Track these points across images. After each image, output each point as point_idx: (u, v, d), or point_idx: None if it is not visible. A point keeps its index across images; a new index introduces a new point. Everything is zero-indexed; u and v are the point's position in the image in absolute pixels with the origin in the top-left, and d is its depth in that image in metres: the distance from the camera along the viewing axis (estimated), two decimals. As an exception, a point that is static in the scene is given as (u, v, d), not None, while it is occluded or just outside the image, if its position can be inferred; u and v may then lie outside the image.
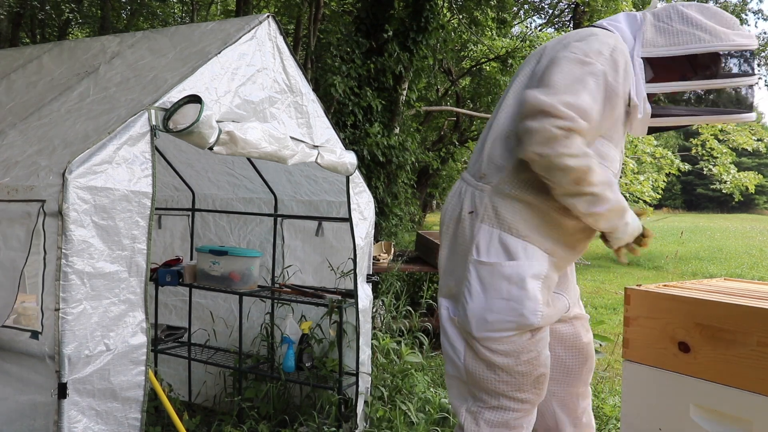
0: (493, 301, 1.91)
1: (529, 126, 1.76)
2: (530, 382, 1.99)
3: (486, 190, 1.96)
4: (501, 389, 1.98)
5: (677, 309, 1.94)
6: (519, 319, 1.90)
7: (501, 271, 1.91)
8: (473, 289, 1.94)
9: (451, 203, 2.08)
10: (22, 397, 2.01)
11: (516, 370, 1.95)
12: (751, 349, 1.75)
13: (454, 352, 2.04)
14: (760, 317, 1.75)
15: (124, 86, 2.55)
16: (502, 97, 2.10)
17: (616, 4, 12.16)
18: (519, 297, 1.89)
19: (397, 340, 4.06)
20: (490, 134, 2.03)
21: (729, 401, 1.81)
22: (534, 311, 1.90)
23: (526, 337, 1.94)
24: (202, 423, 3.36)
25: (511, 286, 1.89)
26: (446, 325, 2.06)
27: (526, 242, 1.92)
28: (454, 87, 13.00)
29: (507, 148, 1.95)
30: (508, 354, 1.93)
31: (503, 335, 1.92)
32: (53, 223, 1.92)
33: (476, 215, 1.95)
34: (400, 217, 8.51)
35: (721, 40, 1.93)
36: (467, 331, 1.97)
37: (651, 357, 2.01)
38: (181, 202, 4.14)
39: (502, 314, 1.90)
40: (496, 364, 1.95)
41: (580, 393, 2.34)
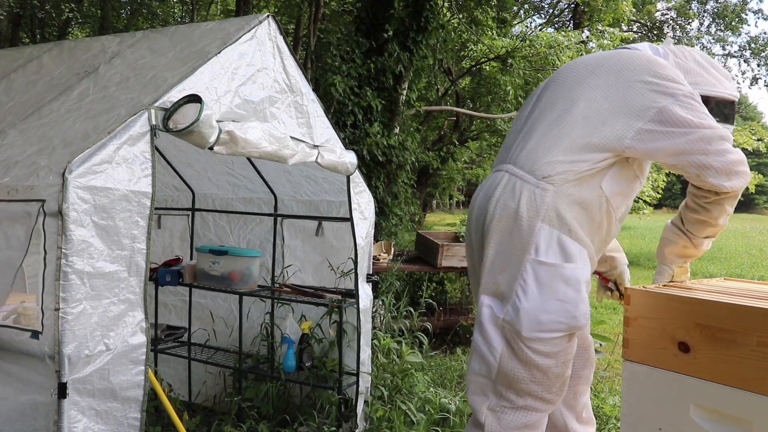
0: (548, 302, 1.94)
1: (732, 158, 1.99)
2: (559, 384, 2.05)
3: (549, 190, 1.97)
4: (532, 389, 2.02)
5: (677, 309, 1.94)
6: (571, 322, 1.95)
7: (560, 273, 1.95)
8: (529, 289, 1.95)
9: (501, 197, 2.04)
10: (22, 397, 2.01)
11: (552, 371, 2.01)
12: (751, 349, 1.75)
13: (489, 350, 2.04)
14: (760, 317, 1.74)
15: (124, 86, 2.55)
16: (564, 104, 2.10)
17: (616, 4, 12.17)
18: (574, 300, 1.95)
19: (398, 340, 4.06)
20: (560, 138, 2.03)
21: (729, 401, 1.81)
22: (585, 314, 1.97)
23: (566, 340, 2.00)
24: (202, 423, 3.36)
25: (568, 288, 1.94)
26: (486, 323, 2.05)
27: (582, 246, 2.00)
28: (454, 87, 12.98)
29: (580, 156, 1.99)
30: (550, 355, 1.98)
31: (552, 336, 1.96)
32: (53, 223, 1.92)
33: (536, 215, 1.97)
34: (400, 217, 8.51)
35: (726, 89, 2.19)
36: (515, 329, 1.97)
37: (651, 357, 2.01)
38: (181, 201, 4.14)
39: (556, 315, 1.94)
40: (534, 364, 1.98)
41: (581, 391, 2.42)
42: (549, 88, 2.20)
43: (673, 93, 1.99)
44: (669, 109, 1.97)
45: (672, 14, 18.35)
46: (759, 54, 17.13)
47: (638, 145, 1.98)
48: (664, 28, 18.31)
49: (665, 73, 2.03)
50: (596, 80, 2.09)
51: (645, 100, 1.99)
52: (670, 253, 2.25)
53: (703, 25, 18.16)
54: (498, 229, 2.04)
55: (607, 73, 2.09)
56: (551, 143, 2.03)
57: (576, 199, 1.99)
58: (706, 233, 2.16)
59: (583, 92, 2.08)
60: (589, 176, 2.00)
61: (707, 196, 2.06)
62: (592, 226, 2.04)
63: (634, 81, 2.03)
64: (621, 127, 1.99)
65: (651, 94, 1.99)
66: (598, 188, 2.02)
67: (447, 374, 4.44)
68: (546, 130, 2.09)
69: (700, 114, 1.98)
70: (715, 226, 2.13)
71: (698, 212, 2.12)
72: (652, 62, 2.08)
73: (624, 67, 2.08)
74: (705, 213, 2.10)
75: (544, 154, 2.02)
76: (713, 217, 2.10)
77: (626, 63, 2.09)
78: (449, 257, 5.58)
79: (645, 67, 2.06)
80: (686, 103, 1.98)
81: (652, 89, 2.00)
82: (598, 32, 11.08)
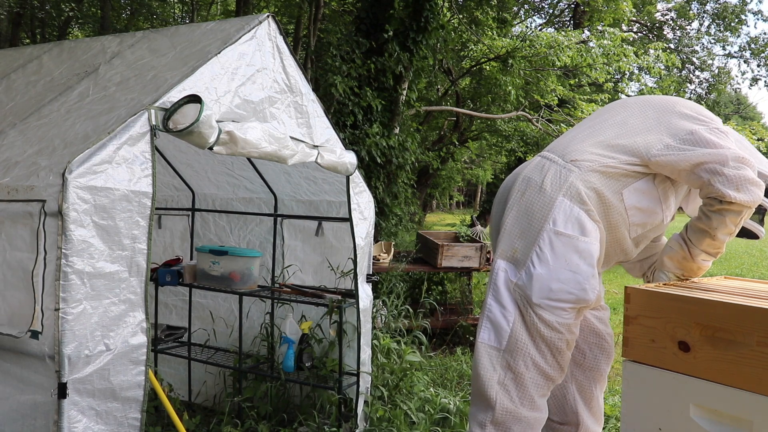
0: (561, 271, 2.03)
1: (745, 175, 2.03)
2: (560, 361, 2.12)
3: (574, 171, 2.12)
4: (537, 360, 2.09)
5: (677, 308, 1.94)
6: (580, 294, 2.03)
7: (576, 245, 2.05)
8: (544, 256, 2.05)
9: (531, 173, 2.21)
10: (23, 397, 2.01)
11: (556, 345, 2.08)
12: (751, 349, 1.75)
13: (503, 313, 2.11)
14: (760, 317, 1.74)
15: (124, 86, 2.55)
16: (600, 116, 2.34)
17: (616, 4, 12.16)
18: (586, 273, 2.04)
19: (398, 340, 4.06)
20: (590, 137, 2.22)
21: (729, 401, 1.81)
22: (594, 288, 2.05)
23: (572, 315, 2.07)
24: (202, 423, 3.36)
25: (581, 261, 2.04)
26: (501, 287, 2.13)
27: (597, 227, 2.10)
28: (454, 87, 12.98)
29: (607, 153, 2.15)
30: (554, 327, 2.06)
31: (560, 305, 2.04)
32: (53, 223, 1.92)
33: (559, 189, 2.09)
34: (400, 217, 8.51)
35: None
36: (526, 295, 2.06)
37: (651, 357, 2.01)
38: (181, 202, 4.14)
39: (567, 285, 2.03)
40: (540, 334, 2.07)
41: (598, 383, 2.48)
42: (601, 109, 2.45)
43: (706, 123, 2.15)
44: (699, 132, 2.11)
45: (672, 15, 18.35)
46: (759, 54, 17.13)
47: (663, 156, 2.11)
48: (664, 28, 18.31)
49: (702, 110, 2.21)
50: (638, 105, 2.29)
51: (679, 124, 2.16)
52: (668, 261, 2.30)
53: (703, 25, 18.17)
54: (521, 198, 2.17)
55: (649, 104, 2.29)
56: (585, 136, 2.23)
57: (596, 188, 2.10)
58: (705, 245, 2.20)
59: (625, 111, 2.29)
60: (613, 175, 2.11)
61: (712, 203, 2.11)
62: (606, 219, 2.13)
63: (673, 111, 2.21)
64: (652, 139, 2.14)
65: (685, 121, 2.16)
66: (619, 194, 2.12)
67: (447, 374, 4.44)
68: (583, 129, 2.30)
69: (727, 140, 2.10)
70: (713, 238, 2.16)
71: (701, 219, 2.17)
72: (693, 103, 2.25)
73: (667, 101, 2.28)
74: (706, 221, 2.14)
75: (577, 143, 2.21)
76: (712, 227, 2.13)
77: (669, 99, 2.30)
78: (449, 257, 5.59)
79: (685, 104, 2.24)
80: (716, 131, 2.12)
81: (687, 118, 2.17)
82: (598, 32, 11.07)
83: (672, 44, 17.27)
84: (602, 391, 2.53)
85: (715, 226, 2.13)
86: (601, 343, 2.45)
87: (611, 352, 2.48)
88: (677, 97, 2.36)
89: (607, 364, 2.48)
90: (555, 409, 2.46)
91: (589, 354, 2.44)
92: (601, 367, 2.46)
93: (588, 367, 2.45)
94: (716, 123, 2.18)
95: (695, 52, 17.60)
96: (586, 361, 2.44)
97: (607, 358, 2.47)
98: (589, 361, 2.44)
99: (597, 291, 2.07)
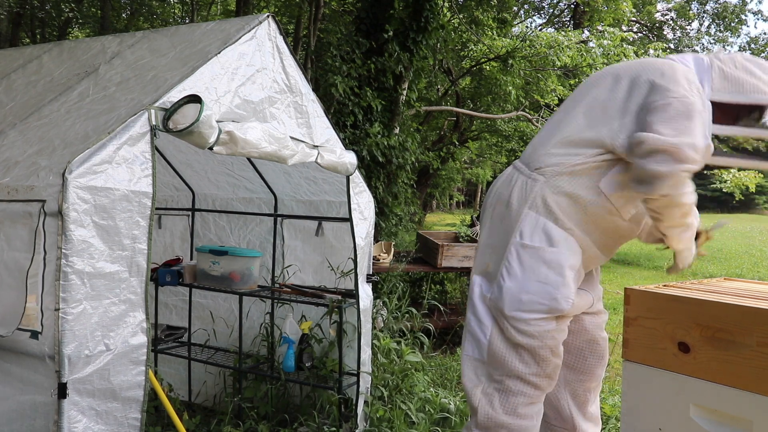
0: (529, 283, 2.03)
1: (656, 169, 1.88)
2: (547, 369, 2.09)
3: (539, 180, 2.09)
4: (520, 370, 2.07)
5: (677, 309, 1.94)
6: (551, 303, 2.02)
7: (542, 256, 2.03)
8: (512, 269, 2.06)
9: (501, 188, 2.21)
10: (22, 397, 2.01)
11: (538, 353, 2.06)
12: (751, 349, 1.75)
13: (480, 329, 2.13)
14: (760, 317, 1.74)
15: (124, 86, 2.55)
16: (567, 106, 2.23)
17: (616, 4, 12.17)
18: (555, 282, 2.02)
19: (398, 340, 4.06)
20: (553, 133, 2.16)
21: (729, 401, 1.81)
22: (566, 297, 2.02)
23: (552, 324, 2.05)
24: (202, 423, 3.36)
25: (550, 271, 2.02)
26: (477, 301, 2.16)
27: (569, 234, 2.06)
28: (454, 87, 12.98)
29: (570, 152, 2.08)
30: (534, 336, 2.04)
31: (533, 317, 2.03)
32: (53, 223, 1.92)
33: (524, 202, 2.08)
34: (400, 217, 8.51)
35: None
36: (499, 309, 2.07)
37: (651, 357, 2.01)
38: (181, 202, 4.14)
39: (537, 296, 2.02)
40: (520, 345, 2.06)
41: (592, 389, 2.45)
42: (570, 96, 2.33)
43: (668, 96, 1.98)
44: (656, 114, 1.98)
45: (672, 15, 18.36)
46: (759, 55, 17.11)
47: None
48: (664, 28, 18.32)
49: (674, 72, 2.02)
50: (604, 82, 2.16)
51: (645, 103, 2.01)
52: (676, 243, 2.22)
53: (703, 25, 18.20)
54: (492, 213, 2.20)
55: (618, 78, 2.13)
56: (551, 135, 2.16)
57: (566, 192, 2.06)
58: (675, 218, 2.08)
59: (591, 93, 2.17)
60: (584, 171, 2.06)
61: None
62: (585, 219, 2.08)
63: (641, 83, 2.05)
64: (617, 126, 2.04)
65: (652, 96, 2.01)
66: (596, 188, 2.06)
67: (447, 374, 4.44)
68: (549, 127, 2.23)
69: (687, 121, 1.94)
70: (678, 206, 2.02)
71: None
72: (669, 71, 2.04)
73: (637, 70, 2.11)
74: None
75: (540, 147, 2.16)
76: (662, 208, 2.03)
77: (640, 67, 2.12)
78: (449, 257, 5.59)
79: (655, 69, 2.06)
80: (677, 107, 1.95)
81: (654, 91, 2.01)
82: (598, 32, 11.07)
83: (672, 44, 17.28)
84: (598, 395, 2.50)
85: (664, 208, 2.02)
86: (595, 348, 2.41)
87: (605, 356, 2.46)
88: (651, 59, 2.19)
89: (602, 368, 2.45)
90: (552, 414, 2.45)
91: (583, 359, 2.41)
92: (596, 372, 2.43)
93: (581, 372, 2.42)
94: (682, 90, 1.97)
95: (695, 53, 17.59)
96: (579, 366, 2.41)
97: (601, 363, 2.44)
98: (582, 365, 2.41)
99: (571, 299, 2.04)
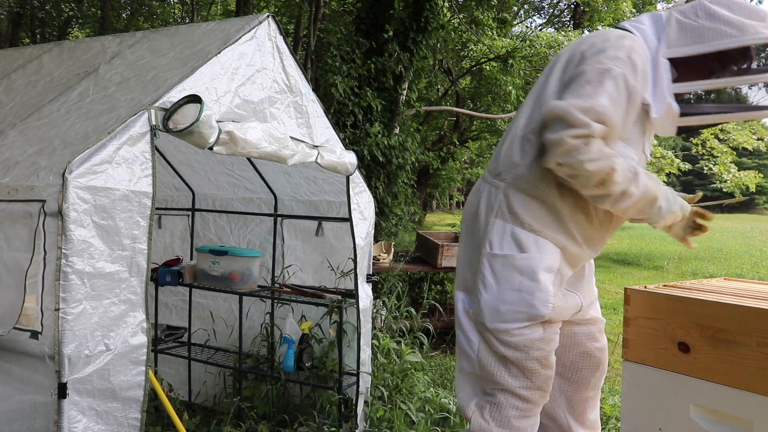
0: (505, 293, 1.96)
1: (548, 138, 1.81)
2: (537, 381, 2.02)
3: (501, 187, 2.02)
4: (509, 383, 2.01)
5: (677, 309, 1.94)
6: (530, 310, 1.94)
7: (513, 263, 1.97)
8: (487, 281, 1.99)
9: (470, 200, 2.16)
10: (22, 397, 2.01)
11: (526, 365, 1.99)
12: (751, 350, 1.75)
13: (468, 344, 2.08)
14: (760, 317, 1.74)
15: (124, 86, 2.55)
16: (529, 96, 2.15)
17: (616, 4, 12.16)
18: (530, 288, 1.94)
19: (397, 340, 4.06)
20: (508, 135, 2.09)
21: (729, 401, 1.81)
22: (545, 302, 1.94)
23: (537, 332, 1.97)
24: (202, 423, 3.36)
25: (523, 278, 1.95)
26: (462, 317, 2.11)
27: (538, 236, 1.98)
28: (454, 87, 12.98)
29: (523, 149, 2.01)
30: (519, 347, 1.97)
31: (514, 326, 1.96)
32: (53, 223, 1.92)
33: (491, 211, 2.03)
34: (400, 217, 8.51)
35: (749, 33, 1.89)
36: (481, 322, 2.01)
37: (651, 357, 2.01)
38: (181, 202, 4.14)
39: (514, 305, 1.95)
40: (507, 358, 2.00)
41: (589, 398, 2.35)
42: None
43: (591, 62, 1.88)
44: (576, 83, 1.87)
45: (672, 14, 18.31)
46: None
47: None
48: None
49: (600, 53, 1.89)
50: (545, 73, 2.09)
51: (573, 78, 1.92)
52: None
53: (703, 25, 18.11)
54: (465, 228, 2.16)
55: (553, 64, 2.05)
56: (504, 143, 2.10)
57: (528, 192, 1.98)
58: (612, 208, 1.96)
59: (538, 83, 2.10)
60: (538, 168, 1.96)
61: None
62: (554, 217, 1.99)
63: (574, 59, 1.96)
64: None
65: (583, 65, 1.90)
66: (555, 179, 1.95)
67: (447, 374, 4.44)
68: (510, 127, 2.15)
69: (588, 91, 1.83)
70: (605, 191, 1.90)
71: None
72: (599, 41, 1.93)
73: (569, 52, 2.02)
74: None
75: (498, 153, 2.11)
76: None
77: (575, 47, 2.01)
78: (449, 257, 5.58)
79: (583, 49, 1.95)
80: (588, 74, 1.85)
81: (583, 60, 1.91)
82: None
83: (672, 44, 17.22)
84: (597, 402, 2.41)
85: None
86: (589, 361, 2.32)
87: (601, 366, 2.34)
88: (597, 33, 2.03)
89: (599, 378, 2.35)
90: (549, 423, 2.38)
91: (576, 371, 2.32)
92: (591, 382, 2.34)
93: (576, 382, 2.34)
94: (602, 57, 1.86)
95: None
96: (573, 377, 2.33)
97: (597, 373, 2.34)
98: (576, 377, 2.33)
99: (550, 303, 1.96)
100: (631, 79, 1.87)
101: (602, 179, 1.81)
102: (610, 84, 1.83)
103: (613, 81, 1.84)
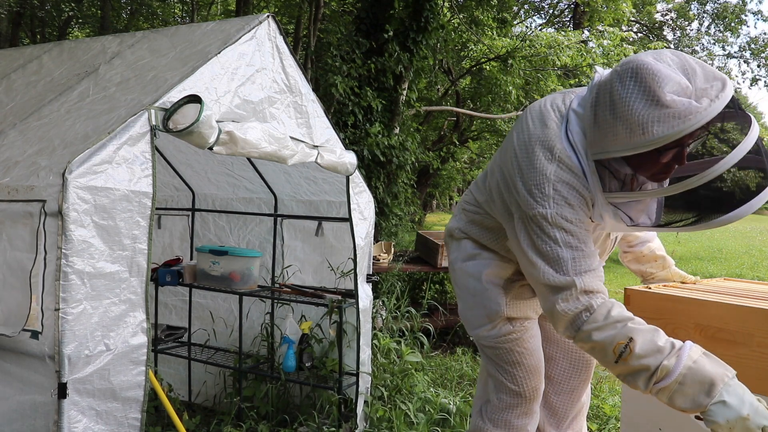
0: (467, 299, 2.15)
1: (548, 308, 1.69)
2: (522, 374, 2.10)
3: (464, 219, 2.20)
4: (499, 380, 2.13)
5: (677, 309, 1.94)
6: (485, 311, 2.08)
7: (466, 270, 2.14)
8: (458, 294, 2.22)
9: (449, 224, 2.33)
10: (22, 397, 2.01)
11: (508, 359, 2.10)
12: (752, 350, 1.75)
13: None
14: (760, 317, 1.74)
15: (124, 86, 2.55)
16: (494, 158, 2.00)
17: (616, 4, 12.16)
18: (480, 290, 2.09)
19: (397, 340, 4.06)
20: (477, 184, 2.21)
21: (729, 401, 1.80)
22: (495, 301, 2.06)
23: (506, 328, 2.08)
24: (202, 423, 3.36)
25: (476, 282, 2.10)
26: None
27: (485, 250, 2.12)
28: (455, 87, 12.98)
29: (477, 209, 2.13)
30: (495, 346, 2.10)
31: (483, 329, 2.11)
32: (53, 223, 1.92)
33: (455, 237, 2.22)
34: (400, 217, 8.51)
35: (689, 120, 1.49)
36: (468, 332, 2.22)
37: (651, 357, 2.01)
38: (181, 202, 4.14)
39: (475, 309, 2.12)
40: (492, 358, 2.14)
41: (572, 402, 2.34)
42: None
43: (531, 223, 1.71)
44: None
45: (672, 15, 18.36)
46: (759, 55, 17.11)
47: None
48: (664, 28, 18.32)
49: (530, 198, 1.70)
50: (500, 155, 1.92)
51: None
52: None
53: (703, 25, 18.20)
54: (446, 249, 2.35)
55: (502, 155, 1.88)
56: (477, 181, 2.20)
57: (486, 226, 2.10)
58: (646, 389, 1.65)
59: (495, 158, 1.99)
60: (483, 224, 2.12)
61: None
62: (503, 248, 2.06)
63: (514, 200, 1.78)
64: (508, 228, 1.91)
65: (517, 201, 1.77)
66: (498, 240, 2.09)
67: (447, 374, 4.44)
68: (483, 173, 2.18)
69: (554, 258, 1.67)
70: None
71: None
72: (525, 165, 1.73)
73: (509, 169, 1.80)
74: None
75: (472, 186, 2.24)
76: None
77: (512, 159, 1.78)
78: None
79: (518, 171, 1.75)
80: (534, 233, 1.70)
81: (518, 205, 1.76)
82: (598, 32, 11.08)
83: (672, 44, 17.27)
84: (584, 415, 2.40)
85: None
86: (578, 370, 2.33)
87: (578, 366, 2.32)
88: (519, 143, 1.77)
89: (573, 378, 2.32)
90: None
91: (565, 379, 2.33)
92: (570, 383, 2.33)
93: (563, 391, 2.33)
94: (535, 197, 1.67)
95: (695, 53, 17.59)
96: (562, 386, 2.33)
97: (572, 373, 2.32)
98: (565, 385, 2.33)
99: (500, 302, 2.03)
100: (570, 215, 1.66)
101: (616, 351, 1.55)
102: (559, 234, 1.65)
103: (559, 228, 1.65)
